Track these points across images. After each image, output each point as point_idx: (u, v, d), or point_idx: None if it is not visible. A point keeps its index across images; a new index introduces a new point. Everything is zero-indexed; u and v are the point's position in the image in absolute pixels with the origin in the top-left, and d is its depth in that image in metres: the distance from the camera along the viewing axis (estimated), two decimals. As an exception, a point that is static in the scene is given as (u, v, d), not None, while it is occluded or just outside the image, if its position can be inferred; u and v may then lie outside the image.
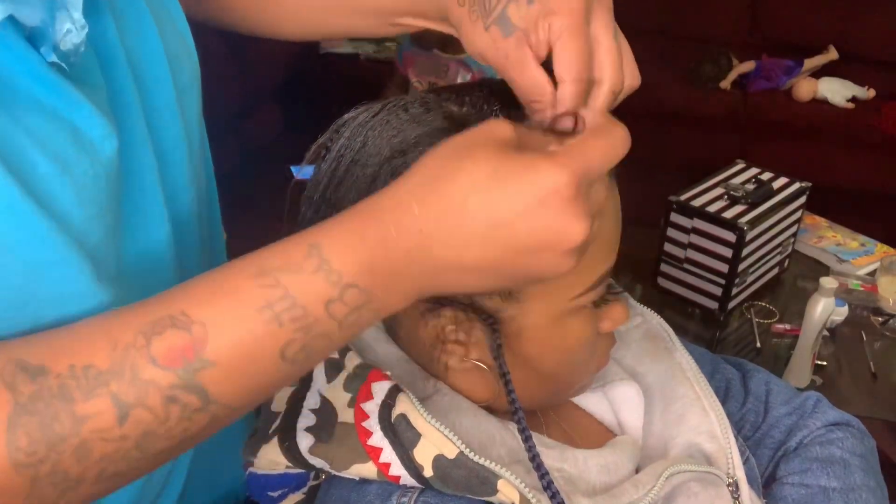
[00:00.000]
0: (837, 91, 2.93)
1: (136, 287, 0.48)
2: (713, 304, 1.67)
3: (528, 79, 0.52)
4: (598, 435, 0.68)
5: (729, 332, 1.68)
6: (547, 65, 0.53)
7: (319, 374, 0.59)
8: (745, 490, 0.64)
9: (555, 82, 0.52)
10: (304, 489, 0.62)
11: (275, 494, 0.62)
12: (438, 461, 0.53)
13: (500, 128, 0.46)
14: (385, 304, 0.45)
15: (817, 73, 3.01)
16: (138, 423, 0.41)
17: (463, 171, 0.44)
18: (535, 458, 0.53)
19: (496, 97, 0.55)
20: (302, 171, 0.59)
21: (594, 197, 0.46)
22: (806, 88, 2.94)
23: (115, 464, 0.42)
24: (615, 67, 0.52)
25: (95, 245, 0.47)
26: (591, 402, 0.70)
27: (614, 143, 0.47)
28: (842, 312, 1.62)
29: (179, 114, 0.58)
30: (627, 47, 0.55)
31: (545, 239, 0.44)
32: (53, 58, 0.45)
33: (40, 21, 0.44)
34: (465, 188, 0.43)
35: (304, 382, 0.59)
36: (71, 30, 0.45)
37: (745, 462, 0.67)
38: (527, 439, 0.53)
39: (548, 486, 0.53)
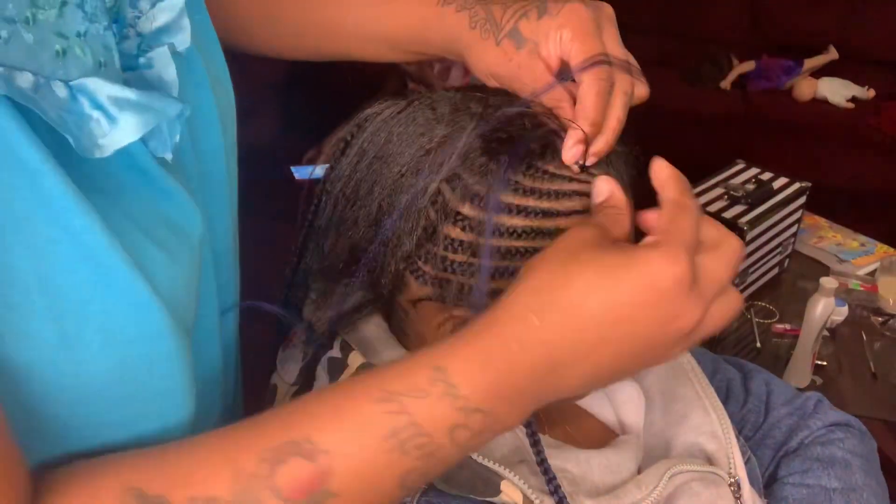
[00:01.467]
0: (837, 91, 2.93)
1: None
2: (713, 304, 1.67)
3: (542, 85, 0.53)
4: (599, 435, 0.68)
5: (729, 332, 1.68)
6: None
7: (322, 373, 0.59)
8: (746, 490, 0.64)
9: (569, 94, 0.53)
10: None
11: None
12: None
13: (586, 230, 0.46)
14: (506, 423, 0.44)
15: (817, 73, 3.01)
16: None
17: (573, 276, 0.43)
18: (543, 463, 0.53)
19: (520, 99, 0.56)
20: (304, 171, 0.60)
21: (720, 305, 0.45)
22: (806, 88, 2.94)
23: None
24: (624, 73, 0.54)
25: (189, 332, 0.46)
26: (593, 402, 0.70)
27: (729, 251, 0.46)
28: (842, 312, 1.62)
29: (227, 179, 0.57)
30: (635, 61, 0.56)
31: (665, 328, 0.43)
32: (170, 155, 0.44)
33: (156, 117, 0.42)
34: (580, 291, 0.42)
35: (307, 382, 0.59)
36: (176, 125, 0.44)
37: (747, 462, 0.67)
38: (536, 443, 0.53)
39: (555, 491, 0.53)
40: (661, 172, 0.48)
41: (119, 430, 0.43)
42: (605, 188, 0.51)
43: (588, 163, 0.53)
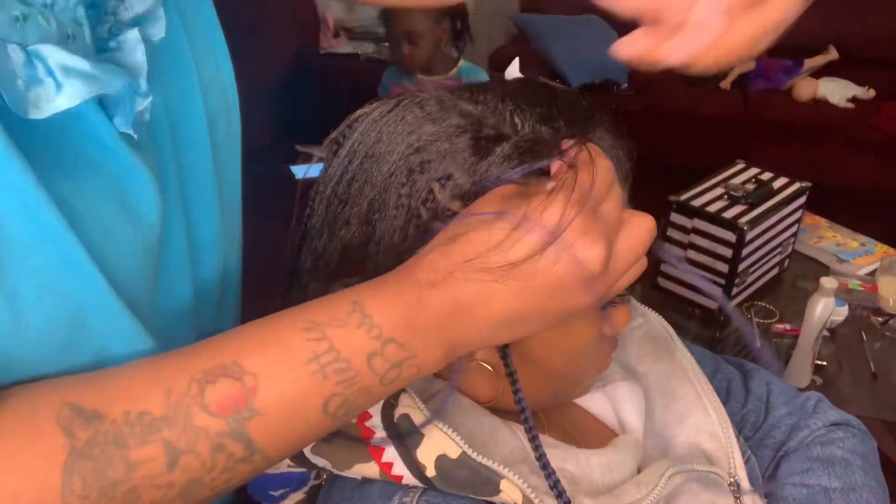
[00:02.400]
0: (837, 91, 2.93)
1: (161, 343, 0.49)
2: (713, 305, 1.67)
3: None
4: (599, 434, 0.68)
5: (729, 332, 1.68)
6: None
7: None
8: (746, 490, 0.64)
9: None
10: (306, 488, 0.62)
11: (276, 493, 0.62)
12: (441, 461, 0.53)
13: (502, 190, 0.49)
14: (425, 359, 0.46)
15: (817, 73, 3.01)
16: (186, 470, 0.41)
17: (482, 224, 0.46)
18: (541, 458, 0.53)
19: (510, 97, 0.56)
20: (307, 171, 0.60)
21: (606, 217, 0.48)
22: (806, 88, 2.94)
23: None
24: None
25: (137, 301, 0.48)
26: (593, 401, 0.70)
27: (600, 169, 0.49)
28: (842, 312, 1.62)
29: (214, 172, 0.59)
30: None
31: (564, 273, 0.46)
32: (130, 129, 0.46)
33: (115, 90, 0.44)
34: (481, 236, 0.46)
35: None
36: (138, 98, 0.46)
37: (747, 462, 0.67)
38: (534, 438, 0.53)
39: (554, 486, 0.53)
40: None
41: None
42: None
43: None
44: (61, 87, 0.41)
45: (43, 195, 0.41)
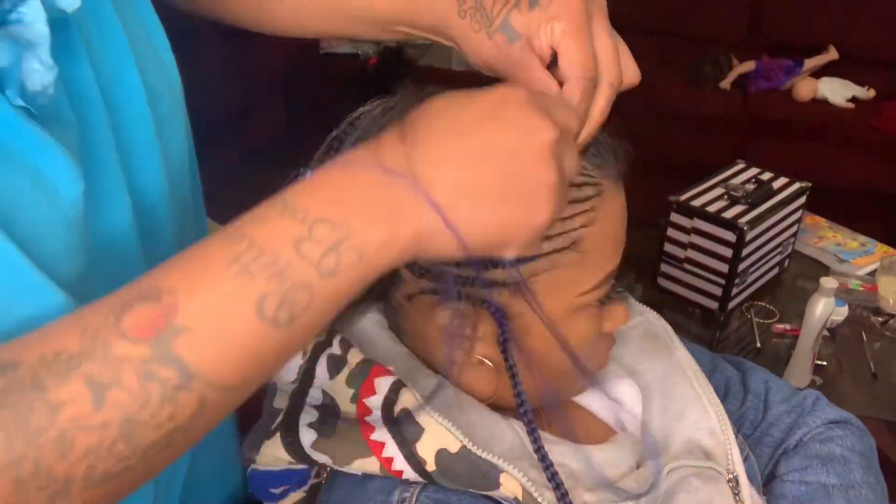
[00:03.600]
0: (837, 91, 2.93)
1: None
2: (713, 304, 1.67)
3: (535, 79, 0.53)
4: (598, 432, 0.68)
5: (729, 332, 1.68)
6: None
7: (322, 370, 0.59)
8: (744, 485, 0.64)
9: (560, 84, 0.53)
10: (306, 487, 0.63)
11: (277, 491, 0.62)
12: (441, 455, 0.54)
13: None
14: (366, 239, 0.41)
15: (817, 73, 3.01)
16: (116, 405, 0.38)
17: (425, 108, 0.45)
18: (539, 450, 0.53)
19: None
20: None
21: (567, 163, 0.46)
22: (806, 88, 2.94)
23: (103, 461, 0.39)
24: (612, 63, 0.53)
25: (65, 278, 0.45)
26: (592, 399, 0.70)
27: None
28: (842, 312, 1.62)
29: (159, 147, 0.56)
30: (625, 47, 0.56)
31: (514, 138, 0.43)
32: (19, 101, 0.44)
33: (7, 63, 0.43)
34: (429, 108, 0.44)
35: (307, 379, 0.60)
36: (38, 70, 0.43)
37: (745, 460, 0.67)
38: (532, 431, 0.54)
39: (552, 478, 0.53)
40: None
41: None
42: (546, 82, 0.53)
43: None
44: None
45: None
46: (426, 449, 0.54)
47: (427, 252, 0.44)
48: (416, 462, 0.54)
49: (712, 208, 1.62)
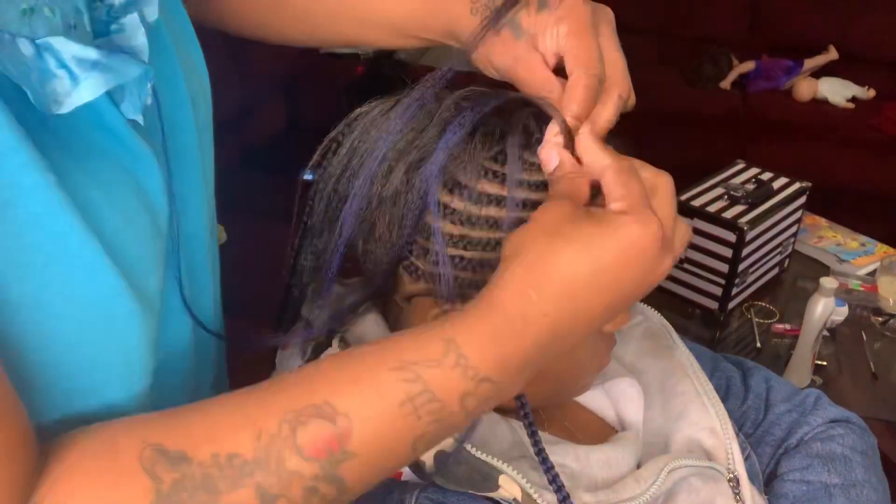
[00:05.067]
0: (837, 91, 2.93)
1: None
2: (713, 304, 1.67)
3: (538, 77, 0.54)
4: (599, 431, 0.68)
5: (729, 332, 1.68)
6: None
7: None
8: (745, 485, 0.64)
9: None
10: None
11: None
12: (440, 457, 0.54)
13: (560, 205, 0.48)
14: (510, 391, 0.46)
15: (817, 73, 3.01)
16: None
17: (561, 250, 0.45)
18: (540, 452, 0.53)
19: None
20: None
21: (679, 236, 0.49)
22: (806, 88, 2.94)
23: None
24: (622, 75, 0.54)
25: (151, 299, 0.47)
26: (592, 399, 0.70)
27: (667, 189, 0.50)
28: (842, 312, 1.62)
29: (199, 156, 0.58)
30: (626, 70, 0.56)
31: (646, 279, 0.46)
32: (139, 116, 0.45)
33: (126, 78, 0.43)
34: (571, 263, 0.45)
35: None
36: (146, 88, 0.45)
37: (746, 459, 0.67)
38: (533, 433, 0.53)
39: (553, 480, 0.53)
40: (584, 141, 0.51)
41: (88, 397, 0.44)
42: (553, 156, 0.52)
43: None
44: (77, 79, 0.40)
45: (62, 194, 0.39)
46: (425, 450, 0.54)
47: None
48: (415, 464, 0.54)
49: (712, 208, 1.62)
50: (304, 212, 0.61)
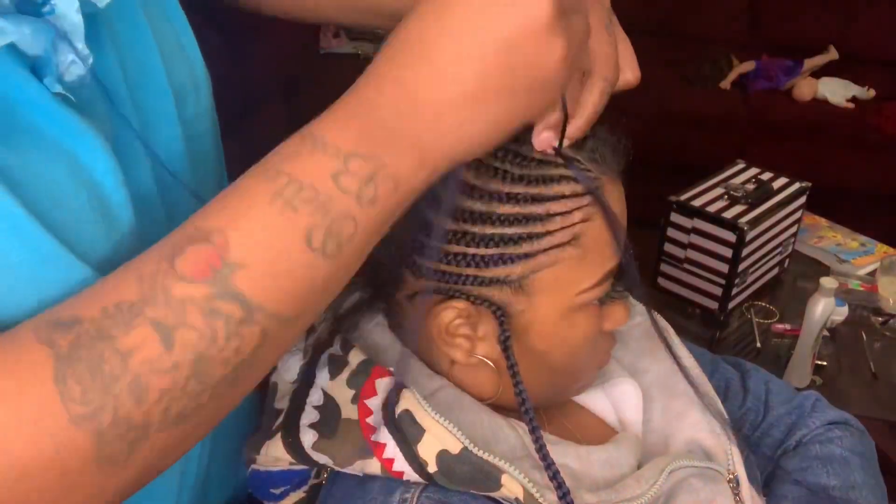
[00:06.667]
0: (837, 91, 2.93)
1: None
2: (713, 304, 1.67)
3: None
4: (599, 432, 0.68)
5: (729, 332, 1.68)
6: None
7: (322, 370, 0.59)
8: (745, 485, 0.64)
9: None
10: (305, 487, 0.63)
11: (277, 491, 0.62)
12: (442, 456, 0.54)
13: None
14: (398, 168, 0.43)
15: (817, 73, 3.01)
16: (185, 345, 0.39)
17: (415, 17, 0.44)
18: (542, 450, 0.53)
19: None
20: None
21: (575, 27, 0.45)
22: (806, 88, 2.94)
23: (177, 401, 0.40)
24: (606, 57, 0.52)
25: (103, 270, 0.45)
26: (592, 399, 0.70)
27: None
28: (842, 312, 1.62)
29: (185, 149, 0.57)
30: (627, 43, 0.55)
31: (522, 26, 0.42)
32: (59, 88, 0.44)
33: (42, 51, 0.43)
34: (421, 29, 0.43)
35: (307, 379, 0.60)
36: (75, 61, 0.44)
37: (745, 460, 0.67)
38: (534, 430, 0.54)
39: (554, 477, 0.53)
40: None
41: None
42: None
43: (563, 146, 0.53)
44: None
45: None
46: (427, 450, 0.54)
47: (457, 161, 0.46)
48: (417, 463, 0.54)
49: (712, 208, 1.62)
50: None
